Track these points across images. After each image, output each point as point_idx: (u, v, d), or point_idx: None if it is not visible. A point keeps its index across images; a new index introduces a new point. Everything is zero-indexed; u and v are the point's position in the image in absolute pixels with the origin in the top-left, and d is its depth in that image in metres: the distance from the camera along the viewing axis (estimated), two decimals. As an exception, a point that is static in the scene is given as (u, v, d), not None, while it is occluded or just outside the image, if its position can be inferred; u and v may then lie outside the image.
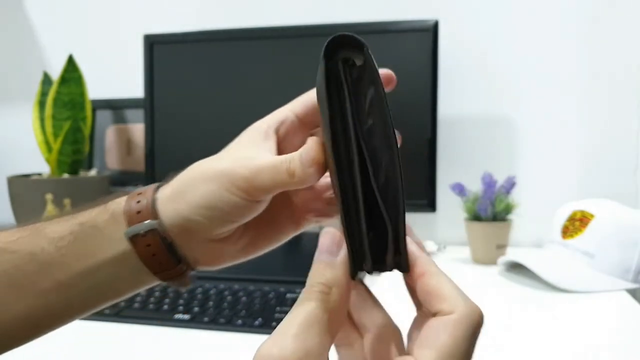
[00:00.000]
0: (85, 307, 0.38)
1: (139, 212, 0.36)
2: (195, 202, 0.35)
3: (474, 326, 0.27)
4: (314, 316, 0.27)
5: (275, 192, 0.34)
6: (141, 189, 0.38)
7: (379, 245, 0.30)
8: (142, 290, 0.39)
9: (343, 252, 0.29)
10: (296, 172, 0.33)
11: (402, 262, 0.30)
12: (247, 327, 0.73)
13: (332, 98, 0.29)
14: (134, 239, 0.35)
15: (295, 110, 0.37)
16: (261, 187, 0.34)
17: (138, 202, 0.36)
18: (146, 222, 0.35)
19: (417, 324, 0.30)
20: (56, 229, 0.37)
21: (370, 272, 0.30)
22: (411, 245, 0.30)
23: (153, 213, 0.35)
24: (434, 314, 0.28)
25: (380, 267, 0.30)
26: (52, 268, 0.36)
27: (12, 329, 0.36)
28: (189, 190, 0.35)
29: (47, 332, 0.38)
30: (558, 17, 1.18)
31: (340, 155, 0.29)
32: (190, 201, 0.35)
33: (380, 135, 0.30)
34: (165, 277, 0.37)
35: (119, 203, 0.37)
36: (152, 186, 0.38)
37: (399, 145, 0.30)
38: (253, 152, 0.35)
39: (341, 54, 0.30)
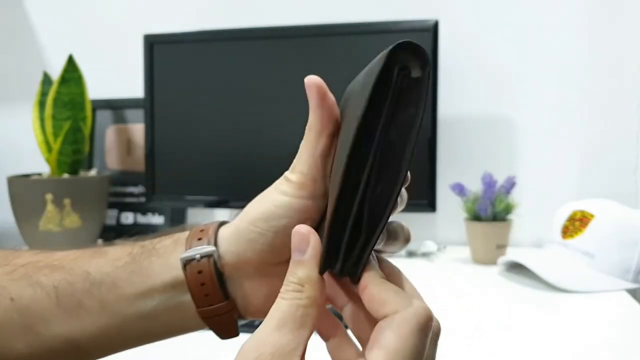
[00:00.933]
0: (125, 339, 0.37)
1: (200, 239, 0.36)
2: (253, 215, 0.35)
3: (421, 323, 0.28)
4: (287, 314, 0.29)
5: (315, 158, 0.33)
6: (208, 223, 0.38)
7: (347, 251, 0.30)
8: (185, 333, 0.38)
9: (311, 248, 0.30)
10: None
11: (356, 273, 0.31)
12: (248, 327, 0.73)
13: (374, 97, 0.29)
14: (187, 263, 0.35)
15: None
16: (306, 162, 0.33)
17: (202, 230, 0.37)
18: (203, 246, 0.35)
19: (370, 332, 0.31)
20: (117, 250, 0.37)
21: (337, 275, 0.31)
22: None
23: (213, 241, 0.36)
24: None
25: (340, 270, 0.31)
26: (102, 287, 0.35)
27: (51, 351, 0.36)
28: (250, 208, 0.35)
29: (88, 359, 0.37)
30: (558, 17, 1.18)
31: (357, 152, 0.29)
32: (249, 217, 0.35)
33: (396, 154, 0.30)
34: (208, 314, 0.36)
35: (185, 232, 0.37)
36: (218, 221, 0.38)
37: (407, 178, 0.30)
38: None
39: (402, 59, 0.29)
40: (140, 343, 0.38)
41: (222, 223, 0.37)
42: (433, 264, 1.09)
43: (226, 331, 0.37)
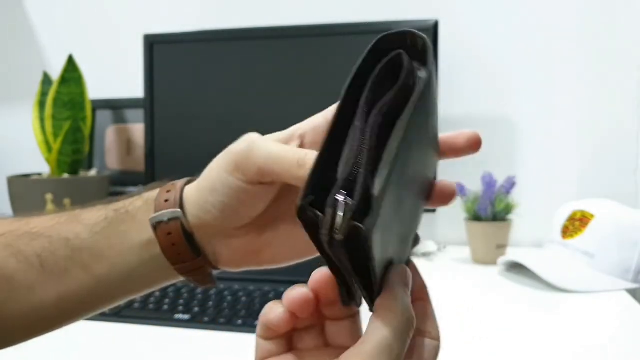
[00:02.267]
0: (112, 297, 0.38)
1: (167, 200, 0.37)
2: (205, 186, 0.36)
3: (404, 327, 0.29)
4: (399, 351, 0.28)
5: (276, 179, 0.33)
6: (176, 181, 0.39)
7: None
8: (167, 284, 0.39)
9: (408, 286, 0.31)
10: (307, 165, 0.31)
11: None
12: (247, 327, 0.73)
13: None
14: (157, 226, 0.36)
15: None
16: (264, 170, 0.33)
17: (168, 191, 0.37)
18: (170, 210, 0.36)
19: None
20: (92, 215, 0.38)
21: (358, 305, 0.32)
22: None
23: (179, 203, 0.37)
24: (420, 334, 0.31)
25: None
26: (83, 254, 0.37)
27: (42, 314, 0.37)
28: (204, 177, 0.37)
29: (76, 320, 0.39)
30: (558, 17, 1.18)
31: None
32: (203, 186, 0.36)
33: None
34: (183, 271, 0.37)
35: (154, 192, 0.38)
36: (185, 179, 0.39)
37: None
38: (268, 142, 0.34)
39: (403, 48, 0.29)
40: (125, 298, 0.39)
41: (190, 181, 0.38)
42: (433, 264, 1.09)
43: (203, 281, 0.38)
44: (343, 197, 0.26)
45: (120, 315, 0.78)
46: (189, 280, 0.38)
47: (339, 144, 0.28)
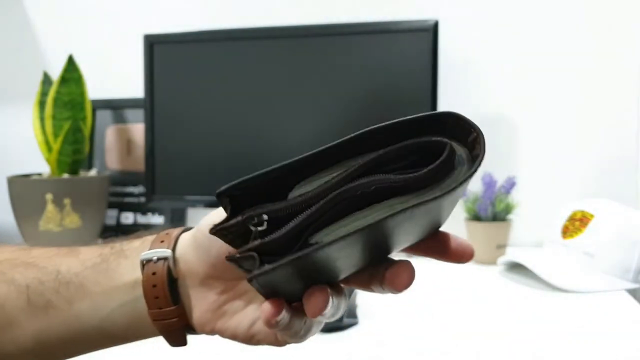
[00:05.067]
0: (89, 341, 0.38)
1: (162, 241, 0.37)
2: (204, 224, 0.35)
3: None
4: None
5: None
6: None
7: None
8: (141, 338, 0.38)
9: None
10: None
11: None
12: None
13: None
14: (146, 264, 0.36)
15: None
16: None
17: (167, 233, 0.37)
18: (161, 249, 0.36)
19: None
20: (89, 251, 0.38)
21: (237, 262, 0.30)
22: None
23: (172, 245, 0.36)
24: None
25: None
26: (70, 287, 0.36)
27: (20, 349, 0.36)
28: (207, 216, 0.36)
29: None
30: (558, 16, 1.18)
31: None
32: (202, 225, 0.35)
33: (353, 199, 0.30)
34: (157, 317, 0.36)
35: (154, 235, 0.38)
36: (185, 227, 0.39)
37: None
38: None
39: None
40: (101, 346, 0.38)
41: (187, 229, 0.38)
42: (433, 264, 1.09)
43: (174, 338, 0.37)
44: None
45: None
46: (161, 332, 0.37)
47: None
